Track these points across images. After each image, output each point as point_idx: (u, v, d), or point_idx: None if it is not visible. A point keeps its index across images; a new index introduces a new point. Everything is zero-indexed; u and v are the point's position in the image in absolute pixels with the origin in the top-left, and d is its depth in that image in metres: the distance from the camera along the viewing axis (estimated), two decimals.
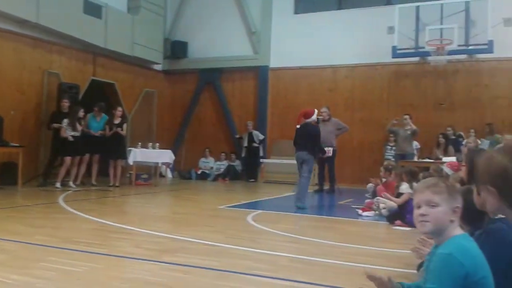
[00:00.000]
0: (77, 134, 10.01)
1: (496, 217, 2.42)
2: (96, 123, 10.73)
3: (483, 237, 2.32)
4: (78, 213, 6.46)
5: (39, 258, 3.85)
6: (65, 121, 9.93)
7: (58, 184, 9.73)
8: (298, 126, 8.40)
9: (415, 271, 3.34)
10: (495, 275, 2.01)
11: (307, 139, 8.16)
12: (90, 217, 6.10)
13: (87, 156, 10.42)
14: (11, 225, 5.36)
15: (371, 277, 2.19)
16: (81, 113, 10.24)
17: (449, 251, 1.92)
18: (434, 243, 2.14)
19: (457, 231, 2.04)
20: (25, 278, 3.26)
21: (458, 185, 4.13)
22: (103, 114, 10.87)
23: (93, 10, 12.05)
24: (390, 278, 2.15)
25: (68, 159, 9.92)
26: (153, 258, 3.94)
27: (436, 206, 2.02)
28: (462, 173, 5.48)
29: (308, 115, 8.42)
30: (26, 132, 10.72)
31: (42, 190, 9.33)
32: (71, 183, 10.02)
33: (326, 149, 9.09)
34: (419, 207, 2.09)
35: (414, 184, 6.45)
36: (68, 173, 10.08)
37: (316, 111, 8.62)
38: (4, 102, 10.16)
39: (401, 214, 6.24)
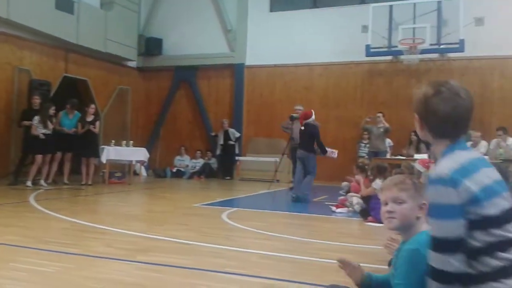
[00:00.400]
0: (48, 132, 9.83)
1: None
2: (69, 121, 10.56)
3: None
4: (50, 212, 6.36)
5: (9, 258, 3.78)
6: (36, 118, 9.73)
7: (29, 183, 9.54)
8: (302, 128, 8.99)
9: (387, 267, 3.40)
10: None
11: (306, 139, 8.85)
12: (62, 217, 6.01)
13: (59, 154, 10.25)
14: None
15: (343, 262, 2.29)
16: (52, 111, 10.04)
17: (415, 247, 1.97)
18: (401, 239, 2.19)
19: (424, 227, 2.09)
20: None
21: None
22: (75, 111, 10.69)
23: (65, 6, 11.84)
24: (359, 265, 2.27)
25: (39, 157, 9.73)
26: (126, 257, 3.91)
27: (403, 203, 2.07)
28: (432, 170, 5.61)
29: (307, 116, 9.04)
30: None
31: (12, 189, 9.14)
32: (42, 182, 9.85)
33: (330, 150, 9.28)
34: (386, 204, 2.14)
35: (378, 180, 6.59)
36: (39, 171, 9.89)
37: (313, 111, 9.16)
38: None
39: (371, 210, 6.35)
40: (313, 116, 9.05)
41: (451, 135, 1.72)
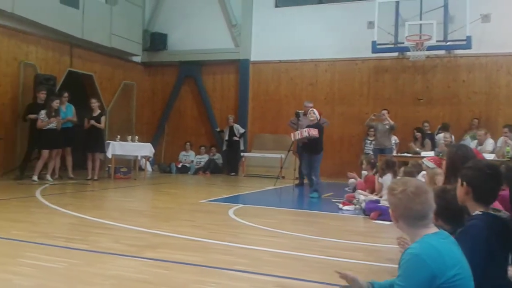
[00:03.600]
0: (54, 126, 9.83)
1: (473, 214, 2.47)
2: (63, 113, 10.49)
3: (461, 235, 2.37)
4: (56, 207, 6.36)
5: (16, 254, 3.78)
6: (42, 112, 9.74)
7: (35, 177, 9.55)
8: None
9: (393, 265, 3.38)
10: (473, 270, 2.06)
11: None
12: (69, 212, 6.02)
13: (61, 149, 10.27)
14: None
15: (343, 276, 2.31)
16: (55, 104, 10.00)
17: (417, 251, 1.95)
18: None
19: (430, 229, 2.07)
20: (2, 275, 3.20)
21: (440, 178, 4.13)
22: (67, 103, 10.64)
23: (71, 0, 11.80)
24: (357, 278, 2.28)
25: (46, 152, 9.73)
26: (134, 253, 3.90)
27: None
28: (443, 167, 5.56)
29: None
30: (3, 125, 10.47)
31: (19, 184, 9.15)
32: (48, 177, 9.86)
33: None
34: None
35: (387, 175, 6.58)
36: (45, 166, 9.90)
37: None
38: None
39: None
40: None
41: None
